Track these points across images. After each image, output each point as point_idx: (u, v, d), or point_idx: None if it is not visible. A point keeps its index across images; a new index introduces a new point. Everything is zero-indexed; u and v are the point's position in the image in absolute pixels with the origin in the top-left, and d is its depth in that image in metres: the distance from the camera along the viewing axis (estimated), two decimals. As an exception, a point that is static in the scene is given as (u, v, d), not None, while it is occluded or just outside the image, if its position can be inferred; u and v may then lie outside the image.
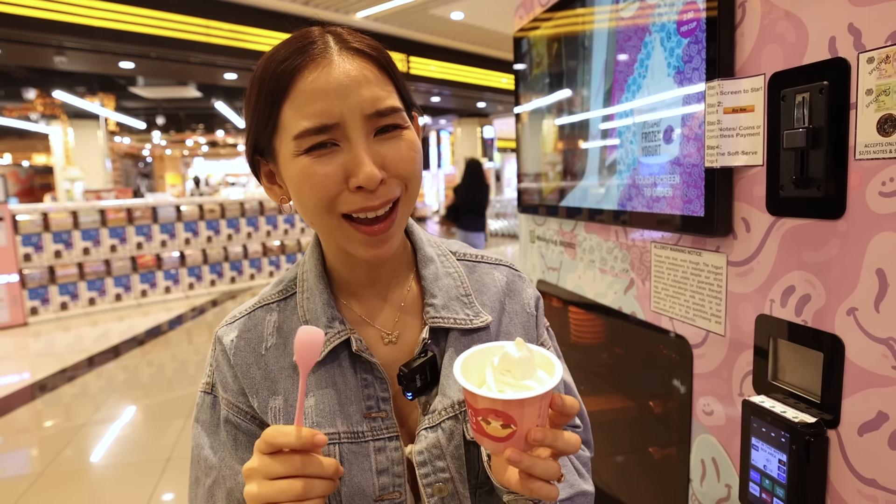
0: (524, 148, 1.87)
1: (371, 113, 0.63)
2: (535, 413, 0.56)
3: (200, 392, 0.77)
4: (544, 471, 0.58)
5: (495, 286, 0.82)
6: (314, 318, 0.73)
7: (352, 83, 0.62)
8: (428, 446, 0.71)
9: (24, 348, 5.83)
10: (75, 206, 7.05)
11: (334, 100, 0.61)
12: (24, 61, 8.71)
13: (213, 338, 0.77)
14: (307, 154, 0.63)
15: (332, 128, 0.62)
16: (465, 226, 6.52)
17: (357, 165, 0.62)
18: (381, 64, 0.66)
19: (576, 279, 1.57)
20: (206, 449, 0.74)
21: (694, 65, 1.00)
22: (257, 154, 0.71)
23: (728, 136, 0.93)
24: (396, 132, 0.66)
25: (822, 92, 0.76)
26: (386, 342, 0.76)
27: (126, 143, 20.20)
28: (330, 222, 0.66)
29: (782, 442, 0.81)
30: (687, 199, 1.04)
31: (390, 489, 0.71)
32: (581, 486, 0.76)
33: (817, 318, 0.81)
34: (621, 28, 1.23)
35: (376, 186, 0.63)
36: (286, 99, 0.63)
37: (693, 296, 1.07)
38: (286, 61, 0.63)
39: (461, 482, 0.72)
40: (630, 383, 1.43)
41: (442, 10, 8.21)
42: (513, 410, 0.55)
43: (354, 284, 0.77)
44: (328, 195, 0.63)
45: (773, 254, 0.88)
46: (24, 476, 3.19)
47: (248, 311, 0.77)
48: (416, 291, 0.79)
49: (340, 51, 0.64)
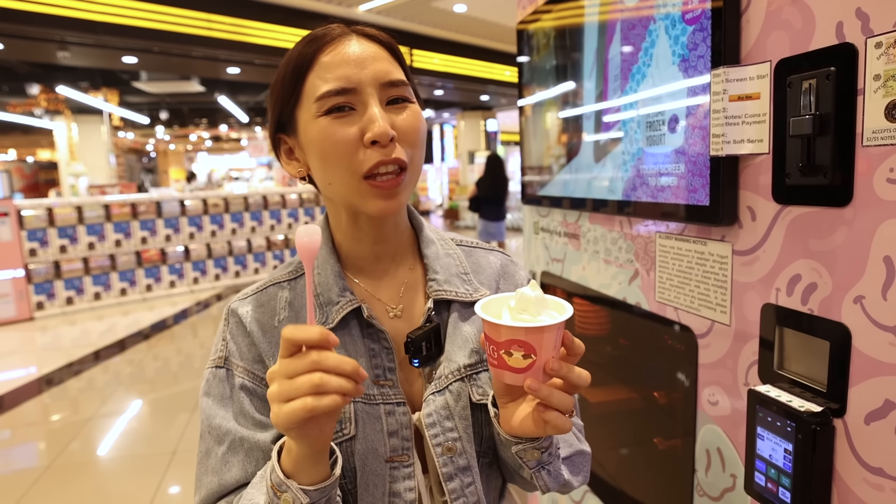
0: (528, 140, 1.86)
1: (385, 82, 0.71)
2: (552, 343, 0.62)
3: (210, 368, 0.78)
4: (561, 401, 0.63)
5: (491, 268, 0.89)
6: (326, 290, 0.77)
7: (367, 57, 0.71)
8: (436, 408, 0.76)
9: (30, 343, 5.86)
10: (80, 202, 7.07)
11: (353, 68, 0.70)
12: (27, 57, 8.72)
13: (226, 312, 0.80)
14: (327, 115, 0.70)
15: (350, 91, 0.69)
16: (487, 216, 7.05)
17: (371, 122, 0.69)
18: (392, 51, 0.76)
19: (580, 270, 1.57)
20: (218, 419, 0.76)
21: (699, 52, 0.99)
22: (279, 132, 0.78)
23: (733, 124, 0.92)
24: (405, 104, 0.74)
25: (829, 78, 0.76)
26: (391, 316, 0.81)
27: (130, 138, 20.25)
28: (350, 182, 0.71)
29: (788, 431, 0.81)
30: (692, 189, 1.03)
31: (400, 451, 0.75)
32: (579, 445, 0.84)
33: (824, 306, 0.80)
34: (625, 17, 1.22)
35: (388, 142, 0.69)
36: (310, 70, 0.71)
37: (698, 285, 1.07)
38: (311, 43, 0.73)
39: (468, 441, 0.77)
40: (635, 374, 1.43)
41: (445, 3, 8.18)
42: (533, 339, 0.61)
43: (361, 260, 0.82)
44: (348, 152, 0.69)
45: (779, 242, 0.87)
46: (32, 469, 3.21)
47: (260, 288, 0.82)
48: (419, 270, 0.85)
49: (358, 35, 0.74)
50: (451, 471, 0.75)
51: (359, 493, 0.73)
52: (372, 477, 0.73)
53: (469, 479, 0.76)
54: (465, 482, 0.76)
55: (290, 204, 8.82)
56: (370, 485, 0.73)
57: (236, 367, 0.77)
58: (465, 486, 0.76)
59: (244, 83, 11.88)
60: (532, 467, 0.73)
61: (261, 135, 20.18)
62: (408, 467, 0.75)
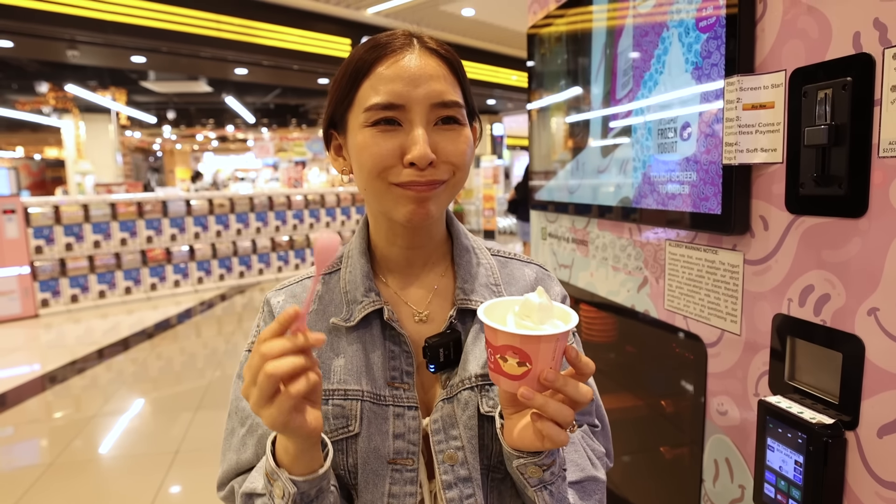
0: (536, 145, 1.86)
1: (436, 103, 0.70)
2: (550, 354, 0.60)
3: (245, 352, 0.82)
4: (557, 412, 0.61)
5: (524, 280, 0.88)
6: (353, 288, 0.79)
7: (424, 75, 0.70)
8: (443, 415, 0.76)
9: (34, 340, 5.88)
10: (86, 200, 7.09)
11: (406, 85, 0.69)
12: (36, 55, 8.77)
13: (263, 301, 0.84)
14: (373, 126, 0.70)
15: (398, 107, 0.69)
16: (524, 217, 7.74)
17: (413, 143, 0.69)
18: (453, 67, 0.74)
19: (588, 277, 1.56)
20: (242, 401, 0.78)
21: (713, 60, 0.98)
22: (332, 128, 0.79)
23: (747, 132, 0.91)
24: (454, 126, 0.73)
25: (845, 88, 0.75)
26: (416, 320, 0.81)
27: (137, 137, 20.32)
28: (380, 187, 0.72)
29: (799, 443, 0.80)
30: (703, 197, 1.03)
31: (404, 454, 0.75)
32: (592, 472, 0.80)
33: (837, 318, 0.79)
34: (638, 24, 1.22)
35: (426, 166, 0.69)
36: (366, 79, 0.71)
37: (708, 294, 1.06)
38: (372, 50, 0.72)
39: (472, 452, 0.75)
40: (642, 382, 1.42)
41: (453, 7, 8.19)
42: (528, 347, 0.59)
43: (393, 263, 0.83)
44: (383, 164, 0.70)
45: (792, 252, 0.86)
46: (35, 466, 3.22)
47: (297, 281, 0.86)
48: (450, 278, 0.85)
49: (420, 48, 0.73)
50: (451, 479, 0.75)
51: (359, 490, 0.75)
52: (372, 476, 0.74)
53: (469, 491, 0.75)
54: (464, 493, 0.74)
55: (295, 205, 8.83)
56: (370, 483, 0.74)
57: None
58: (465, 496, 0.74)
59: (251, 84, 11.91)
60: (534, 485, 0.71)
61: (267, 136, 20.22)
62: (411, 471, 0.75)
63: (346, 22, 8.59)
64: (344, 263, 0.83)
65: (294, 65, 8.64)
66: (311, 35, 8.29)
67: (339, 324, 0.78)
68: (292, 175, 10.86)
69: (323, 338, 0.59)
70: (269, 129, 20.67)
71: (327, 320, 0.79)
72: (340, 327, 0.78)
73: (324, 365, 0.77)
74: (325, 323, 0.79)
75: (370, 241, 0.84)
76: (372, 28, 8.70)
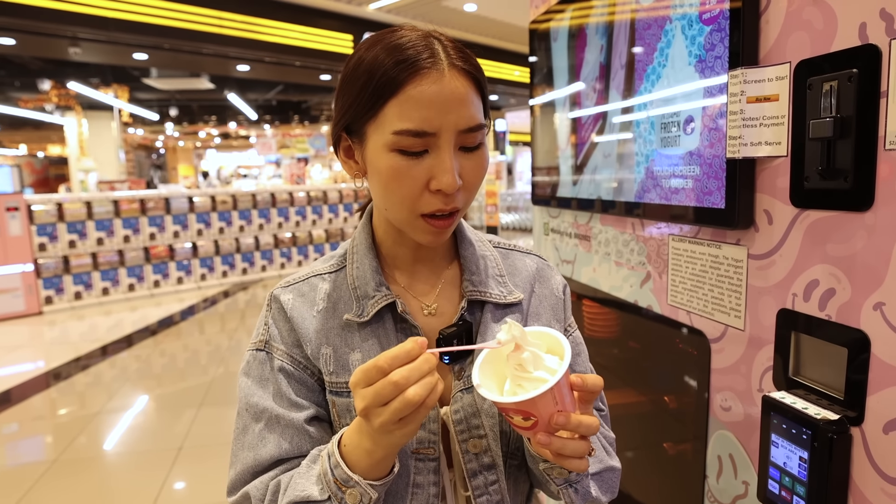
0: (538, 140, 1.85)
1: (464, 129, 0.70)
2: (551, 402, 0.61)
3: (251, 350, 0.82)
4: (574, 450, 0.63)
5: (526, 270, 0.90)
6: (363, 284, 0.80)
7: (454, 100, 0.69)
8: (463, 405, 0.77)
9: (38, 337, 5.90)
10: (89, 197, 7.11)
11: (438, 112, 0.68)
12: (39, 52, 8.78)
13: (268, 298, 0.84)
14: (399, 153, 0.69)
15: (429, 135, 0.68)
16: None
17: (442, 172, 0.69)
18: (478, 84, 0.73)
19: (591, 272, 1.55)
20: (256, 397, 0.79)
21: (716, 53, 0.97)
22: (345, 132, 0.77)
23: (751, 126, 0.90)
24: (478, 149, 0.73)
25: (850, 80, 0.74)
26: (426, 313, 0.82)
27: (139, 134, 20.34)
28: (405, 215, 0.73)
29: (804, 439, 0.80)
30: (707, 191, 1.02)
31: (426, 444, 0.76)
32: (609, 461, 0.83)
33: (842, 312, 0.79)
34: (640, 17, 1.20)
35: (454, 192, 0.70)
36: (393, 97, 0.68)
37: (712, 289, 1.05)
38: (399, 66, 0.68)
39: (494, 440, 0.78)
40: (645, 378, 1.41)
41: (455, 2, 8.17)
42: (526, 407, 0.61)
43: (400, 259, 0.84)
44: (412, 195, 0.70)
45: (797, 247, 0.86)
46: (39, 463, 3.23)
47: (302, 278, 0.84)
48: (456, 270, 0.86)
49: (451, 67, 0.69)
50: (476, 468, 0.77)
51: None
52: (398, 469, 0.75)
53: (493, 477, 0.78)
54: (489, 479, 0.77)
55: (297, 202, 8.83)
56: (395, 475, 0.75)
57: (276, 350, 0.80)
58: (489, 483, 0.77)
59: (254, 81, 11.91)
60: (559, 484, 0.74)
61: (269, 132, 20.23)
62: (433, 461, 0.77)
63: (348, 18, 8.57)
64: (349, 260, 0.83)
65: (296, 61, 8.63)
66: (314, 31, 8.28)
67: (353, 319, 0.78)
68: (295, 171, 10.87)
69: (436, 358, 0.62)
70: (271, 126, 20.67)
71: (339, 317, 0.80)
72: (353, 323, 0.79)
73: (341, 360, 0.78)
74: (338, 320, 0.80)
75: (374, 236, 0.84)
76: (374, 24, 8.68)
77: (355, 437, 0.66)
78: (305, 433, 0.77)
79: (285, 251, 8.73)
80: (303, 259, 8.90)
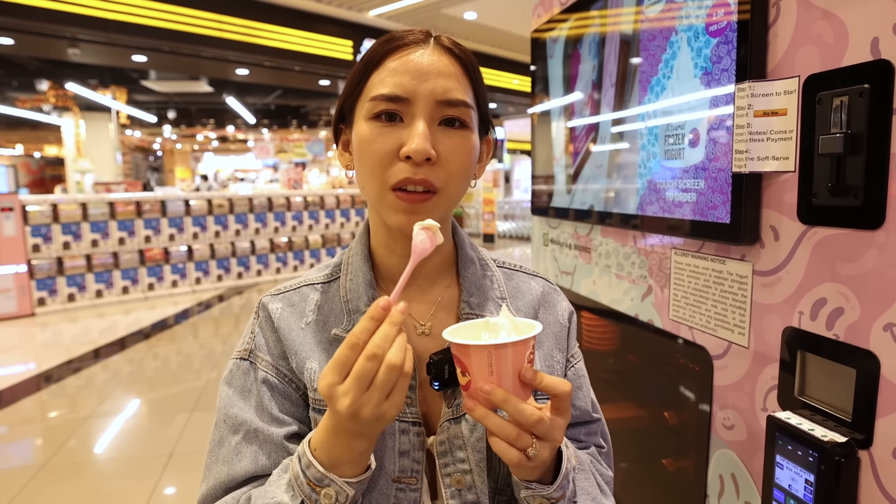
0: (538, 149, 1.84)
1: (441, 100, 0.68)
2: (486, 366, 0.58)
3: (235, 359, 0.78)
4: (498, 427, 0.59)
5: (531, 294, 0.85)
6: (355, 297, 0.76)
7: (433, 70, 0.68)
8: (449, 437, 0.73)
9: (30, 339, 5.84)
10: (85, 198, 7.06)
11: (412, 78, 0.68)
12: (37, 53, 8.75)
13: (257, 306, 0.81)
14: (376, 120, 0.69)
15: (402, 100, 0.67)
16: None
17: (411, 137, 0.67)
18: (466, 68, 0.72)
19: (590, 284, 1.54)
20: (235, 409, 0.75)
21: (723, 66, 0.96)
22: (341, 123, 0.78)
23: (758, 140, 0.89)
24: (460, 129, 0.70)
25: (862, 95, 0.73)
26: (419, 333, 0.78)
27: (137, 136, 20.31)
28: (376, 188, 0.70)
29: (810, 461, 0.78)
30: (711, 205, 1.00)
31: (408, 473, 0.72)
32: (602, 500, 0.78)
33: (850, 332, 0.77)
34: (645, 28, 1.19)
35: (422, 161, 0.67)
36: (375, 70, 0.70)
37: (715, 305, 1.04)
38: (386, 43, 0.71)
39: (479, 475, 0.73)
40: (645, 393, 1.39)
41: (455, 10, 8.19)
42: (461, 355, 0.59)
43: (394, 272, 0.79)
44: (382, 163, 0.68)
45: (804, 264, 0.84)
46: (28, 466, 3.18)
47: (294, 287, 0.81)
48: (455, 289, 0.81)
49: (435, 44, 0.71)
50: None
51: None
52: (377, 495, 0.71)
53: None
54: None
55: (294, 206, 8.80)
56: (374, 502, 0.71)
57: (261, 360, 0.76)
58: None
59: (253, 85, 11.90)
60: None
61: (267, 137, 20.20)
62: (414, 491, 0.72)
63: (348, 24, 8.58)
64: (344, 271, 0.79)
65: (295, 66, 8.63)
66: (313, 36, 8.29)
67: (341, 334, 0.74)
68: (292, 176, 10.83)
69: (406, 307, 0.59)
70: (269, 130, 20.67)
71: (328, 331, 0.76)
72: (341, 338, 0.74)
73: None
74: (327, 333, 0.76)
75: (371, 248, 0.81)
76: (374, 30, 8.70)
77: (329, 436, 0.61)
78: (284, 450, 0.72)
79: (281, 256, 8.69)
80: (298, 264, 8.86)
